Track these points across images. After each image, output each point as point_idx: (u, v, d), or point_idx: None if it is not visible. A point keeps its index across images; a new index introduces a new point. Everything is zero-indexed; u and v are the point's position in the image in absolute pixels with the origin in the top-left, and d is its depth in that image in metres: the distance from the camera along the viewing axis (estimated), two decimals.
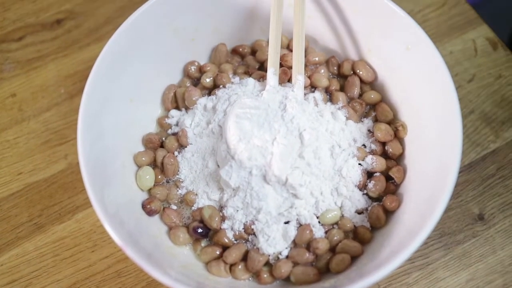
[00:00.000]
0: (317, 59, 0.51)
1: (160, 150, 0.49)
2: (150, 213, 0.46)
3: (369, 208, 0.46)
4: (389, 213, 0.46)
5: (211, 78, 0.51)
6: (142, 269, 0.37)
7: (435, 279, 0.48)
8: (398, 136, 0.48)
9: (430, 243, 0.49)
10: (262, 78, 0.50)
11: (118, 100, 0.47)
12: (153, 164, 0.49)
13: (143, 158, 0.48)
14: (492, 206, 0.51)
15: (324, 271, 0.44)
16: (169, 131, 0.50)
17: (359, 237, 0.45)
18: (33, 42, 0.61)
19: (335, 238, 0.44)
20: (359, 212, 0.46)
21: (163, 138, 0.50)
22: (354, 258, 0.44)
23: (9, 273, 0.49)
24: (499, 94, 0.56)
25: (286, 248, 0.44)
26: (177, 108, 0.51)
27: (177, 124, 0.50)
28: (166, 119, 0.50)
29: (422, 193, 0.44)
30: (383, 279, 0.40)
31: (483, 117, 0.55)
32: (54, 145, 0.55)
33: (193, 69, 0.52)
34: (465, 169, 0.52)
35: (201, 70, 0.52)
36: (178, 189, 0.47)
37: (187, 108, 0.50)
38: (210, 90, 0.51)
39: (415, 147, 0.47)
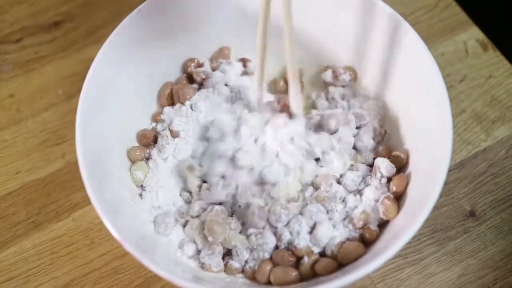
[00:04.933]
0: None
1: (154, 146, 0.49)
2: None
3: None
4: None
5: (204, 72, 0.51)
6: (141, 262, 0.38)
7: (427, 274, 0.49)
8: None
9: (422, 239, 0.50)
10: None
11: (115, 99, 0.47)
12: (146, 159, 0.49)
13: (137, 153, 0.48)
14: (484, 203, 0.52)
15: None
16: (160, 127, 0.50)
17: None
18: (31, 44, 0.62)
19: None
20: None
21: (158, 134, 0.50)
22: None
23: (7, 271, 0.49)
24: (489, 94, 0.57)
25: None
26: (173, 105, 0.52)
27: (170, 121, 0.50)
28: (161, 115, 0.51)
29: (413, 190, 0.44)
30: (369, 274, 0.41)
31: (474, 117, 0.56)
32: (52, 145, 0.55)
33: (192, 66, 0.52)
34: (456, 167, 0.53)
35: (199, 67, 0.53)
36: None
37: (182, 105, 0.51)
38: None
39: (407, 146, 0.48)
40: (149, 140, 0.49)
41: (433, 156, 0.43)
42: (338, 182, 0.47)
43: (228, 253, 0.45)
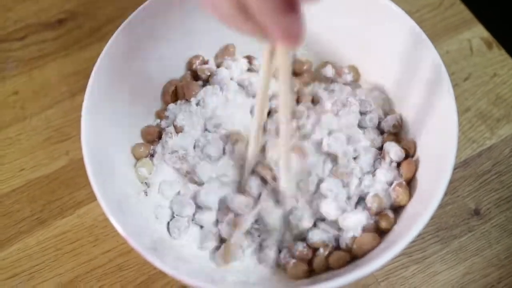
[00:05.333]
0: None
1: (158, 143, 0.49)
2: None
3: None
4: None
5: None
6: (145, 259, 0.38)
7: (432, 272, 0.49)
8: None
9: (427, 238, 0.50)
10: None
11: (119, 96, 0.47)
12: (151, 156, 0.49)
13: (141, 150, 0.48)
14: (488, 201, 0.51)
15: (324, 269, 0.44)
16: (164, 124, 0.50)
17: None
18: (35, 41, 0.62)
19: None
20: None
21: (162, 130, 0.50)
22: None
23: (12, 267, 0.49)
24: (494, 93, 0.57)
25: None
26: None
27: (174, 117, 0.50)
28: (165, 112, 0.51)
29: (418, 188, 0.44)
30: (373, 272, 0.40)
31: (479, 115, 0.56)
32: (56, 142, 0.55)
33: (197, 63, 0.52)
34: (461, 165, 0.53)
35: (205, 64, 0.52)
36: None
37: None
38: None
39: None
40: (153, 137, 0.49)
41: (438, 154, 0.43)
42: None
43: None
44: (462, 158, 0.53)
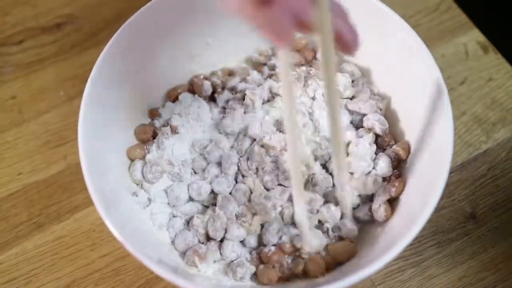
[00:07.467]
0: None
1: (153, 142, 0.49)
2: None
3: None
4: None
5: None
6: (142, 263, 0.38)
7: (428, 276, 0.49)
8: None
9: (423, 241, 0.50)
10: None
11: (117, 100, 0.47)
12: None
13: (136, 151, 0.48)
14: (484, 205, 0.52)
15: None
16: (157, 123, 0.51)
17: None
18: (33, 45, 0.62)
19: None
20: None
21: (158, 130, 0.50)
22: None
23: (9, 271, 0.49)
24: (489, 96, 0.57)
25: None
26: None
27: (168, 117, 0.51)
28: (159, 109, 0.51)
29: (414, 191, 0.44)
30: (372, 275, 0.40)
31: (475, 119, 0.56)
32: (53, 146, 0.55)
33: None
34: (457, 169, 0.53)
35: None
36: None
37: None
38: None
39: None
40: (148, 136, 0.49)
41: (434, 158, 0.43)
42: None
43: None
44: (458, 162, 0.54)
